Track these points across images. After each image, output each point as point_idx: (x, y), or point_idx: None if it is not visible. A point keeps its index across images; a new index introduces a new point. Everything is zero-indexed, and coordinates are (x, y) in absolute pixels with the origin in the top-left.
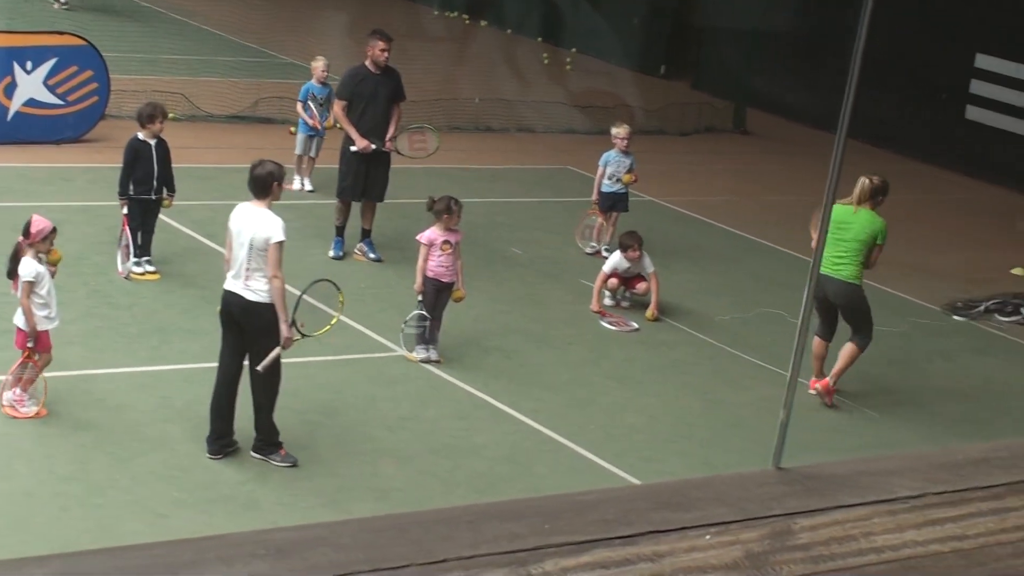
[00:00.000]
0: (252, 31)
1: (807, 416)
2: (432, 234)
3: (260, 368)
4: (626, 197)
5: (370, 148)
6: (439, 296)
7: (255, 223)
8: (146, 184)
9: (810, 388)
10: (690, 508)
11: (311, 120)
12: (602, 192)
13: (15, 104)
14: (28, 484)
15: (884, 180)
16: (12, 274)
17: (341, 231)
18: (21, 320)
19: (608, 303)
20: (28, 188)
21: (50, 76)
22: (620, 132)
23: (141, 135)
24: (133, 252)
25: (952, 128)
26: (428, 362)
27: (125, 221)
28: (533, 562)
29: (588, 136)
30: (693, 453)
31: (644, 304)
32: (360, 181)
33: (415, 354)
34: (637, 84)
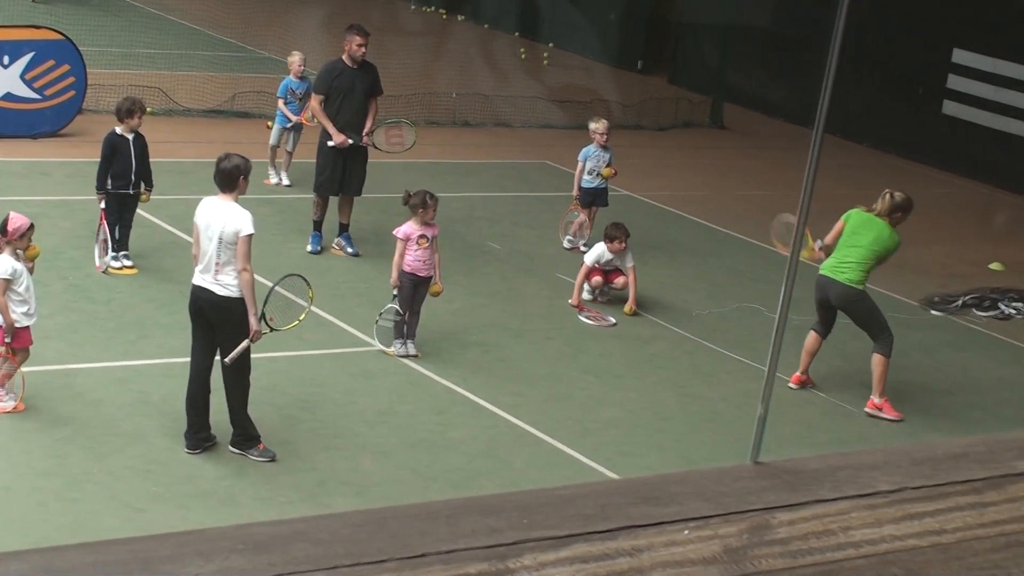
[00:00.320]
0: (229, 26)
1: (785, 411)
2: (408, 228)
3: (227, 360)
4: (606, 192)
5: (347, 143)
6: (417, 290)
7: (223, 217)
8: (124, 179)
9: (791, 382)
10: (668, 503)
11: (295, 117)
12: (582, 188)
13: None
14: (5, 479)
15: (907, 198)
16: None
17: (319, 226)
18: None
19: (586, 298)
20: (5, 182)
21: (27, 70)
22: (598, 127)
23: (119, 129)
24: (111, 246)
25: (929, 123)
26: (406, 357)
27: (103, 216)
28: (512, 556)
29: (566, 131)
30: (670, 447)
31: (621, 299)
32: (338, 176)
33: (393, 349)
34: (614, 79)
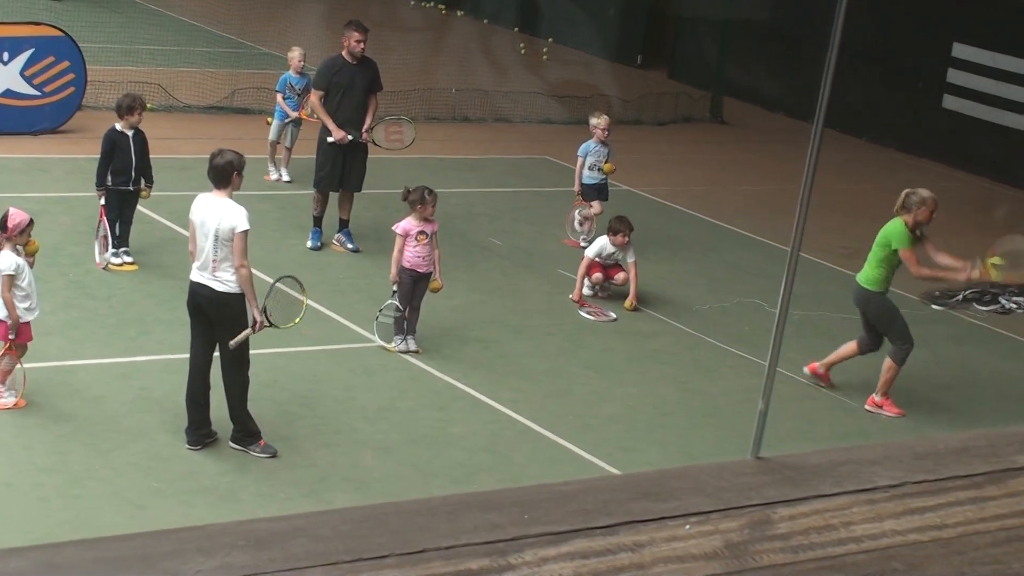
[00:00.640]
0: (229, 22)
1: (786, 406)
2: (408, 224)
3: (231, 345)
4: (606, 186)
5: (347, 139)
6: (416, 286)
7: (218, 214)
8: (124, 175)
9: (805, 368)
10: (669, 498)
11: (294, 113)
12: (584, 184)
13: None
14: (7, 475)
15: (915, 192)
16: None
17: (319, 222)
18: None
19: (587, 293)
20: (5, 179)
21: (27, 67)
22: (599, 123)
23: (119, 126)
24: (111, 243)
25: (929, 117)
26: (406, 353)
27: (103, 212)
28: (513, 552)
29: (565, 126)
30: (671, 443)
31: (622, 294)
32: (337, 171)
33: (393, 344)
34: (614, 74)
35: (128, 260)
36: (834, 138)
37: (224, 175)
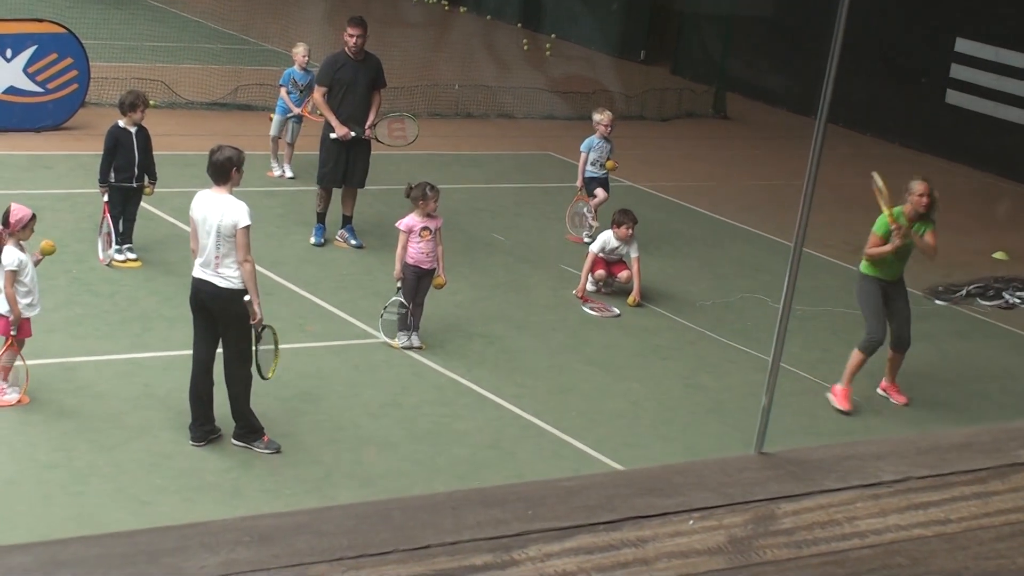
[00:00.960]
0: (232, 18)
1: (789, 401)
2: (411, 220)
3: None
4: (607, 181)
5: (349, 135)
6: (420, 282)
7: (219, 210)
8: (127, 172)
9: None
10: (673, 493)
11: (298, 109)
12: (587, 178)
13: None
14: (10, 472)
15: (911, 181)
16: None
17: (322, 218)
18: (1, 306)
19: (590, 289)
20: (8, 176)
21: (30, 64)
22: (603, 119)
23: (122, 123)
24: (115, 239)
25: (932, 112)
26: (410, 348)
27: (106, 209)
28: (517, 548)
29: (568, 122)
30: (675, 438)
31: (626, 290)
32: (341, 168)
33: (397, 341)
34: (617, 70)
35: (131, 257)
36: (837, 133)
37: (223, 171)
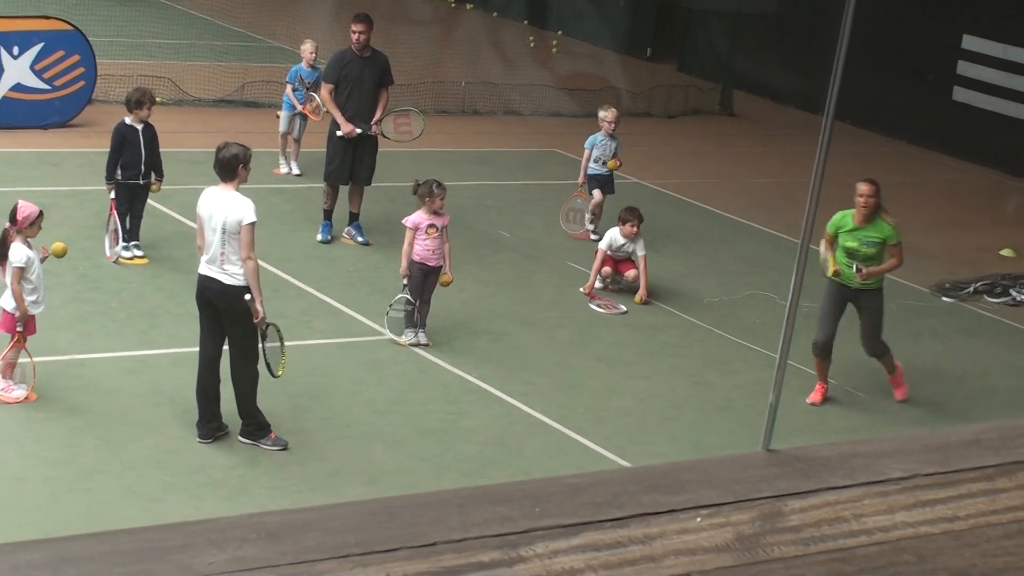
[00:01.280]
0: (239, 15)
1: (797, 398)
2: (418, 218)
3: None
4: (612, 178)
5: (355, 132)
6: (426, 280)
7: (225, 207)
8: (134, 169)
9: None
10: (680, 491)
11: (300, 106)
12: (589, 175)
13: (2, 89)
14: (18, 469)
15: (858, 182)
16: (1, 260)
17: (329, 215)
18: (4, 301)
19: (597, 286)
20: (15, 173)
21: (37, 61)
22: (607, 115)
23: (128, 120)
24: (122, 237)
25: (939, 110)
26: (417, 346)
27: (112, 206)
28: (524, 545)
29: (575, 119)
30: (682, 436)
31: (633, 288)
32: (347, 165)
33: (404, 338)
34: (623, 67)
35: (138, 254)
36: (844, 131)
37: (230, 168)
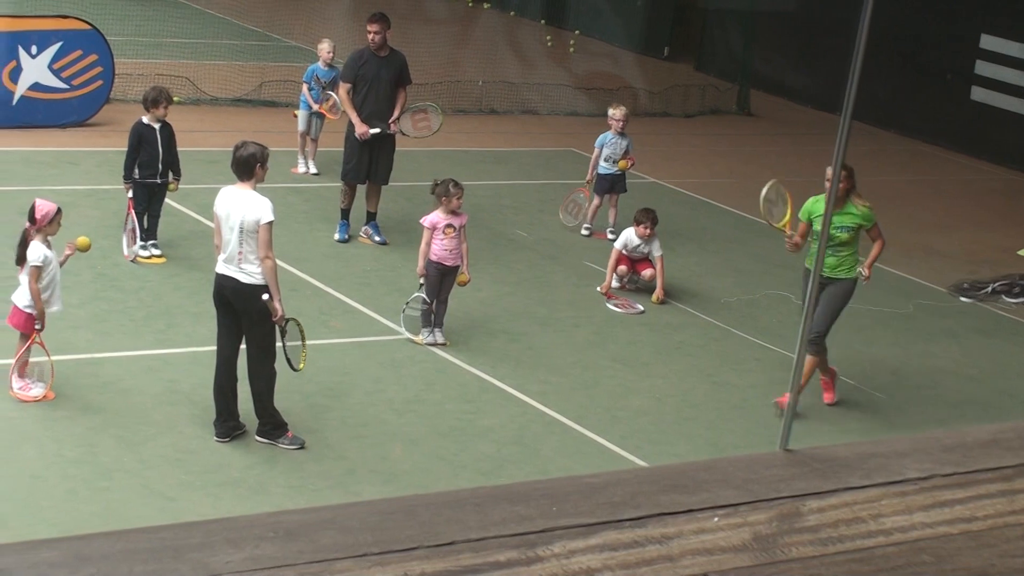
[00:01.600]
0: (256, 14)
1: (814, 398)
2: (435, 217)
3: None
4: (624, 178)
5: (368, 134)
6: (444, 280)
7: (243, 206)
8: (151, 168)
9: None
10: (697, 490)
11: (316, 105)
12: (600, 174)
13: (20, 88)
14: (36, 467)
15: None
16: (20, 260)
17: (346, 214)
18: (18, 298)
19: (614, 285)
20: (34, 172)
21: (55, 60)
22: (616, 114)
23: (146, 119)
24: (139, 236)
25: (958, 109)
26: (434, 345)
27: (130, 205)
28: (541, 544)
29: (592, 118)
30: (699, 435)
31: (649, 287)
32: (365, 164)
33: (421, 337)
34: (640, 66)
35: (156, 253)
36: (862, 130)
37: (247, 167)
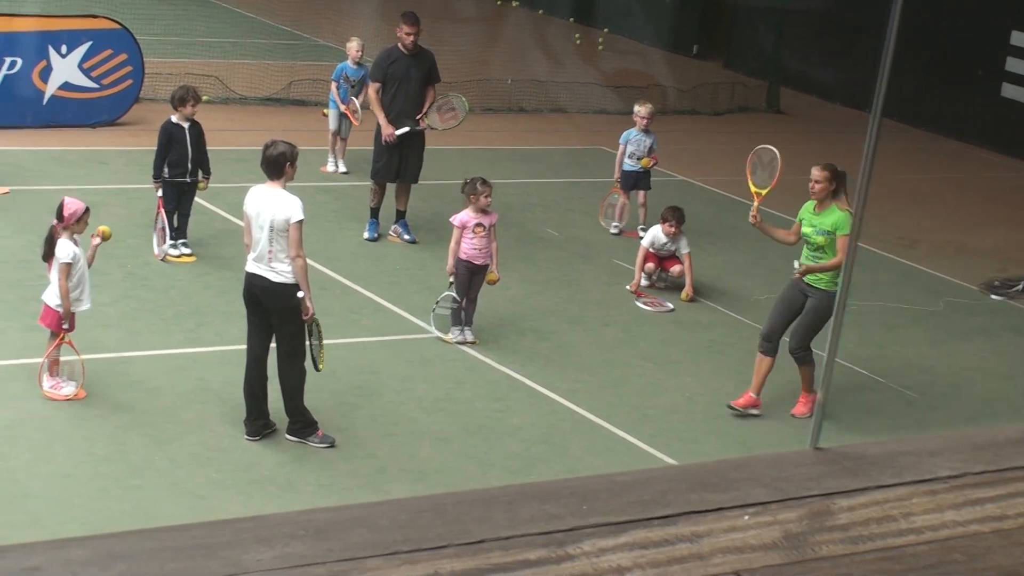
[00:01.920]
0: (285, 13)
1: (844, 397)
2: (465, 216)
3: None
4: (648, 175)
5: (394, 136)
6: (473, 278)
7: (273, 205)
8: (181, 167)
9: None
10: (727, 489)
11: (343, 106)
12: (624, 171)
13: (51, 88)
14: (67, 466)
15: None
16: (48, 256)
17: (376, 213)
18: (49, 298)
19: (643, 283)
20: (64, 171)
21: (85, 59)
22: (641, 110)
23: (175, 118)
24: (169, 234)
25: (988, 106)
26: (463, 344)
27: (160, 204)
28: (571, 543)
29: (620, 116)
30: (729, 433)
31: (679, 285)
32: (394, 162)
33: (450, 335)
34: (669, 64)
35: (186, 252)
36: (892, 128)
37: (277, 166)
